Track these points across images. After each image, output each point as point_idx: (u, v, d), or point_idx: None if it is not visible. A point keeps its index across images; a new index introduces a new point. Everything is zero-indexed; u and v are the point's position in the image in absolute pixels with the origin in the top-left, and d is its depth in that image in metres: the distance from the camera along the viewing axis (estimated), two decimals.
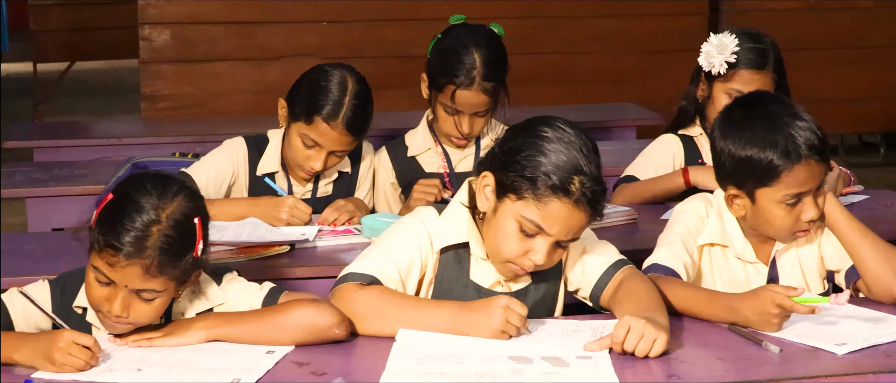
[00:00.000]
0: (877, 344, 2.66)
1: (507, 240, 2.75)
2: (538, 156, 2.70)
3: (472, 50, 3.87)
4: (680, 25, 7.63)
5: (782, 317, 2.72)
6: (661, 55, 7.63)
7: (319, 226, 3.65)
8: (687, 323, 2.82)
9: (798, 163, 2.87)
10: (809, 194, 2.91)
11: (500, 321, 2.65)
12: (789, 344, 2.67)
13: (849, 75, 7.95)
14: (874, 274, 2.93)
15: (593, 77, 7.53)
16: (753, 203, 2.95)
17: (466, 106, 3.90)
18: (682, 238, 3.02)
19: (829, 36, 7.85)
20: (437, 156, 4.05)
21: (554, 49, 7.47)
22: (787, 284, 2.97)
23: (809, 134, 2.88)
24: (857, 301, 2.95)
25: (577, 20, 7.47)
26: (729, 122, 2.98)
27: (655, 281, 2.88)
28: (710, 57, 3.88)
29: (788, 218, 2.92)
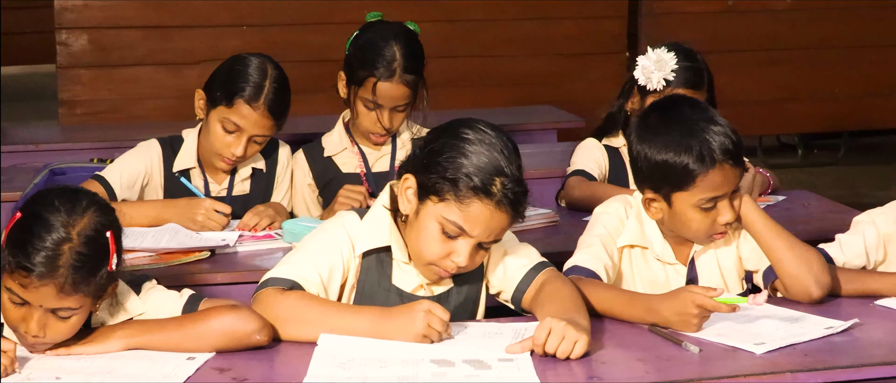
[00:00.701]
0: (794, 343, 2.68)
1: (430, 243, 2.75)
2: (459, 157, 2.70)
3: (391, 43, 3.91)
4: (599, 28, 7.66)
5: (702, 318, 2.74)
6: (580, 58, 7.66)
7: (240, 231, 3.63)
8: (607, 324, 2.84)
9: (713, 167, 2.89)
10: (725, 198, 2.94)
11: (422, 325, 2.65)
12: (709, 345, 2.69)
13: (767, 77, 8.03)
14: (791, 274, 2.96)
15: (512, 80, 7.54)
16: (670, 207, 2.97)
17: (387, 99, 3.91)
18: (602, 240, 3.03)
19: (747, 38, 7.92)
20: (354, 156, 4.05)
21: (472, 52, 7.47)
22: (706, 285, 3.01)
23: (724, 138, 2.91)
24: (775, 300, 2.98)
25: (495, 23, 7.47)
26: (645, 127, 3.00)
27: (576, 282, 2.89)
28: (647, 72, 3.88)
29: (705, 221, 2.95)
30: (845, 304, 2.97)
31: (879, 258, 3.16)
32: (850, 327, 2.78)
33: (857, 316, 2.84)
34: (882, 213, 3.19)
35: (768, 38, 7.97)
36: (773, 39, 7.99)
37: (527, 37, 7.57)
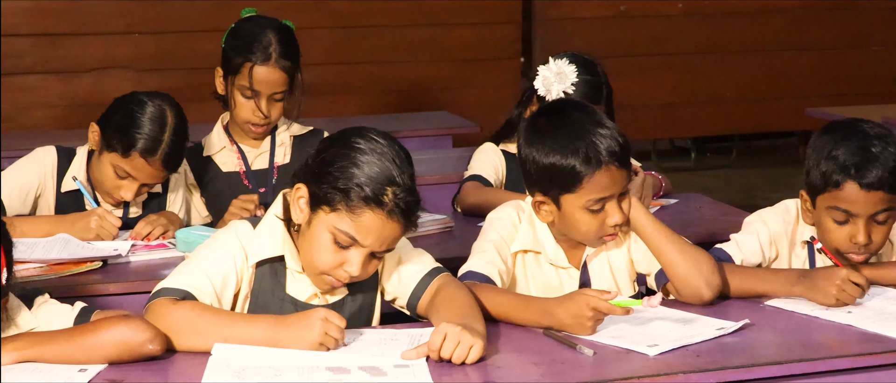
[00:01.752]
0: (687, 345, 2.71)
1: (322, 253, 2.74)
2: (351, 167, 2.69)
3: (267, 30, 3.96)
4: (493, 34, 7.70)
5: (596, 321, 2.76)
6: (475, 63, 7.68)
7: (133, 240, 3.59)
8: (503, 328, 2.84)
9: (599, 169, 2.92)
10: (613, 199, 2.96)
11: (318, 333, 2.63)
12: (603, 347, 2.71)
13: (659, 81, 8.12)
14: (681, 276, 2.99)
15: (407, 86, 7.55)
16: (559, 209, 2.99)
17: (264, 84, 3.92)
18: (495, 245, 3.04)
19: (639, 43, 8.00)
20: (233, 155, 4.04)
21: (366, 58, 7.47)
22: (599, 288, 3.03)
23: (611, 141, 2.93)
24: (668, 302, 3.00)
25: (388, 29, 7.48)
26: (533, 130, 3.02)
27: (471, 288, 2.89)
28: (547, 83, 3.90)
29: (594, 223, 2.97)
30: (736, 305, 3.01)
31: (773, 256, 3.21)
32: (741, 327, 2.82)
33: (748, 317, 2.87)
34: (771, 213, 3.24)
35: (660, 42, 8.06)
36: (666, 44, 8.08)
37: (421, 42, 7.58)
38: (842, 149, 3.04)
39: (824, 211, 3.09)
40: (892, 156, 3.04)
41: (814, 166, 3.09)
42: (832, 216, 3.07)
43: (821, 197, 3.09)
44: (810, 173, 3.10)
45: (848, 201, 3.05)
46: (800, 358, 2.69)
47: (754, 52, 8.26)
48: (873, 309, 2.96)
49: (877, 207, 3.05)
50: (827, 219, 3.09)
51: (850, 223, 3.06)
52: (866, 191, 3.02)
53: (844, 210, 3.05)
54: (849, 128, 3.11)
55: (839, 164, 3.03)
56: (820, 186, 3.08)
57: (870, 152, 3.03)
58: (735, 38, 8.21)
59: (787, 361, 2.67)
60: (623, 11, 7.95)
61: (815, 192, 3.10)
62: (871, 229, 3.06)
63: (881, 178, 3.01)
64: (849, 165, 3.02)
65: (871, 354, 2.72)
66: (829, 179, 3.05)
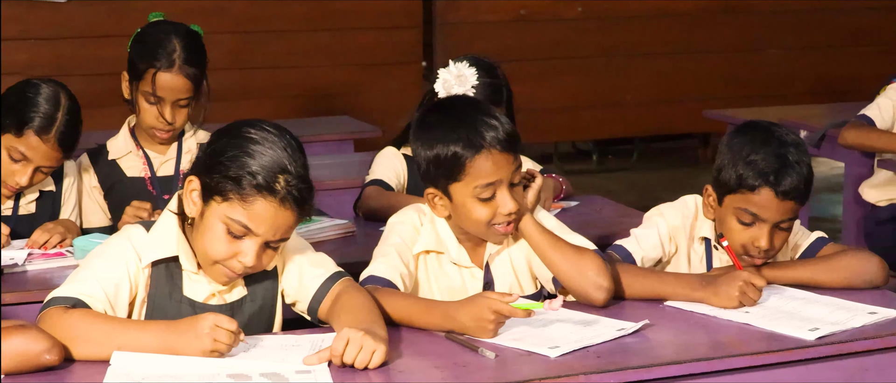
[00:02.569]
0: (588, 346, 2.73)
1: (215, 243, 2.73)
2: (243, 156, 2.69)
3: (172, 36, 3.92)
4: (394, 38, 7.70)
5: (498, 323, 2.76)
6: (377, 68, 7.68)
7: (29, 249, 3.54)
8: (405, 332, 2.84)
9: (479, 152, 2.93)
10: (502, 187, 2.97)
11: (208, 340, 2.61)
12: (504, 349, 2.71)
13: (560, 85, 8.17)
14: (570, 282, 3.01)
15: (308, 91, 7.53)
16: (451, 200, 3.00)
17: (168, 90, 3.89)
18: (397, 249, 3.04)
19: (539, 47, 8.05)
20: (139, 160, 4.00)
21: (267, 64, 7.44)
22: (501, 287, 3.06)
23: (493, 130, 2.94)
24: (569, 304, 3.02)
25: (289, 34, 7.45)
26: (422, 125, 3.05)
27: (373, 292, 2.89)
28: (448, 85, 3.90)
29: (485, 211, 2.98)
30: (636, 306, 3.03)
31: (672, 250, 3.25)
32: (640, 328, 2.85)
33: (647, 317, 2.90)
34: (671, 207, 3.28)
35: (560, 46, 8.11)
36: (565, 47, 8.13)
37: (322, 47, 7.56)
38: (761, 153, 3.08)
39: (732, 210, 3.12)
40: (806, 166, 3.09)
41: (729, 166, 3.12)
42: (739, 216, 3.11)
43: (731, 196, 3.13)
44: (723, 171, 3.13)
45: (759, 206, 3.09)
46: (699, 357, 2.72)
47: (653, 55, 8.34)
48: (770, 308, 3.00)
49: (785, 215, 3.10)
50: (733, 218, 3.13)
51: (756, 226, 3.10)
52: (780, 200, 3.07)
53: (753, 213, 3.09)
54: (766, 132, 3.15)
55: (758, 169, 3.07)
56: (733, 186, 3.11)
57: (787, 160, 3.07)
58: (634, 42, 8.28)
59: (687, 361, 2.71)
60: (523, 15, 7.99)
61: (726, 191, 3.14)
62: (773, 235, 3.10)
63: (795, 188, 3.06)
64: (768, 172, 3.06)
65: (769, 352, 2.77)
66: (745, 182, 3.08)
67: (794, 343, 2.80)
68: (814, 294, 3.09)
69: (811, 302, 3.03)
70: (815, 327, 2.85)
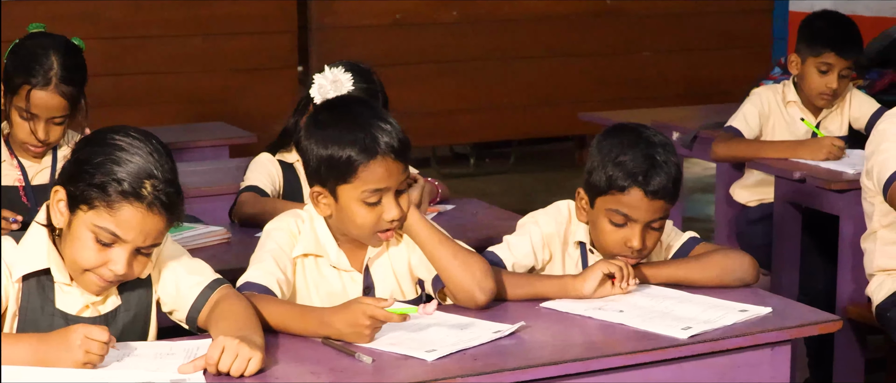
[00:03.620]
0: (464, 349, 2.74)
1: (84, 252, 2.69)
2: (108, 163, 2.66)
3: (50, 52, 3.83)
4: (269, 43, 7.66)
5: (374, 329, 2.76)
6: (252, 73, 7.64)
7: None
8: (282, 339, 2.83)
9: (374, 158, 2.93)
10: (389, 193, 2.97)
11: (79, 353, 2.57)
12: (381, 354, 2.71)
13: (437, 89, 8.19)
14: (455, 281, 3.02)
15: (182, 97, 7.46)
16: (337, 201, 2.99)
17: (42, 108, 3.82)
18: (274, 255, 3.02)
19: (416, 51, 8.06)
20: (13, 169, 3.93)
21: (141, 69, 7.36)
22: (382, 291, 3.05)
23: (390, 135, 2.95)
24: (445, 308, 3.03)
25: (163, 39, 7.38)
26: (315, 123, 3.04)
27: (250, 299, 2.87)
28: (323, 91, 3.88)
29: (370, 216, 2.98)
30: (513, 308, 3.05)
31: (546, 257, 3.26)
32: (517, 330, 2.86)
33: (524, 319, 2.91)
34: (544, 214, 3.30)
35: (437, 50, 8.14)
36: (442, 51, 8.16)
37: (197, 53, 7.50)
38: (629, 154, 3.11)
39: (603, 212, 3.16)
40: (674, 167, 3.13)
41: (599, 168, 3.15)
42: (611, 217, 3.14)
43: (602, 198, 3.16)
44: (594, 174, 3.16)
45: (630, 206, 3.12)
46: (574, 358, 2.75)
47: (529, 58, 8.40)
48: (644, 307, 3.03)
49: (655, 215, 3.13)
50: (604, 220, 3.16)
51: (628, 227, 3.14)
52: (650, 199, 3.10)
53: (624, 214, 3.12)
54: (635, 133, 3.18)
55: (627, 170, 3.10)
56: (603, 188, 3.14)
57: (656, 160, 3.11)
58: (511, 45, 8.34)
59: (563, 361, 2.73)
60: (399, 19, 8.00)
61: (597, 193, 3.17)
62: (645, 235, 3.14)
63: (664, 188, 3.10)
64: (636, 172, 3.10)
65: (642, 352, 2.80)
66: (615, 183, 3.12)
67: (667, 342, 2.84)
68: (686, 293, 3.13)
69: (684, 301, 3.07)
70: (687, 326, 2.89)
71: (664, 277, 3.20)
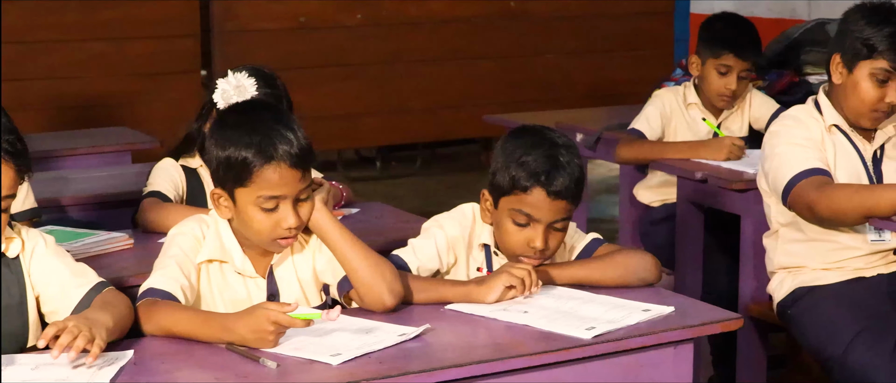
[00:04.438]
0: (369, 353, 2.74)
1: None
2: None
3: None
4: (171, 47, 7.60)
5: (278, 334, 2.75)
6: (155, 77, 7.57)
7: None
8: (187, 344, 2.80)
9: (269, 163, 2.92)
10: (287, 201, 2.96)
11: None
12: (286, 359, 2.70)
13: (342, 92, 8.18)
14: (365, 283, 3.02)
15: (84, 102, 7.37)
16: (235, 204, 2.98)
17: None
18: (177, 260, 3.00)
19: (320, 54, 8.04)
20: None
21: (42, 75, 7.27)
22: (286, 297, 3.04)
23: (288, 142, 2.94)
24: (350, 311, 3.02)
25: (65, 44, 7.29)
26: (220, 125, 3.04)
27: (152, 305, 2.85)
28: (227, 96, 3.85)
29: (266, 222, 2.97)
30: (417, 311, 3.05)
31: (451, 261, 3.27)
32: (422, 333, 2.86)
33: (428, 322, 2.92)
34: (448, 217, 3.30)
35: (342, 53, 8.12)
36: (347, 54, 8.15)
37: (98, 57, 7.42)
38: (532, 155, 3.13)
39: (506, 212, 3.17)
40: (577, 168, 3.15)
41: (502, 169, 3.16)
42: (514, 218, 3.16)
43: (506, 198, 3.17)
44: (497, 175, 3.18)
45: (532, 206, 3.13)
46: (479, 359, 2.75)
47: (434, 61, 8.41)
48: (548, 308, 3.05)
49: (558, 215, 3.15)
50: (508, 220, 3.17)
51: (531, 227, 3.15)
52: (552, 199, 3.12)
53: (527, 214, 3.14)
54: (538, 135, 3.20)
55: (529, 170, 3.12)
56: (506, 189, 3.15)
57: (558, 161, 3.12)
58: (415, 48, 8.34)
59: (468, 363, 2.73)
60: (303, 23, 7.97)
61: (500, 194, 3.18)
62: (548, 235, 3.16)
63: (567, 188, 3.12)
64: (539, 172, 3.11)
65: (547, 352, 2.81)
66: (517, 183, 3.13)
67: (571, 342, 2.85)
68: (590, 293, 3.15)
69: (587, 302, 3.08)
70: (591, 326, 2.91)
71: (568, 278, 3.22)
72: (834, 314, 3.82)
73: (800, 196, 3.71)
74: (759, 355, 4.50)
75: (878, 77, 3.76)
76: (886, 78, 3.75)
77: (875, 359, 3.69)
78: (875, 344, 3.71)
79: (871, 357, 3.70)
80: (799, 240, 3.93)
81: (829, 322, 3.82)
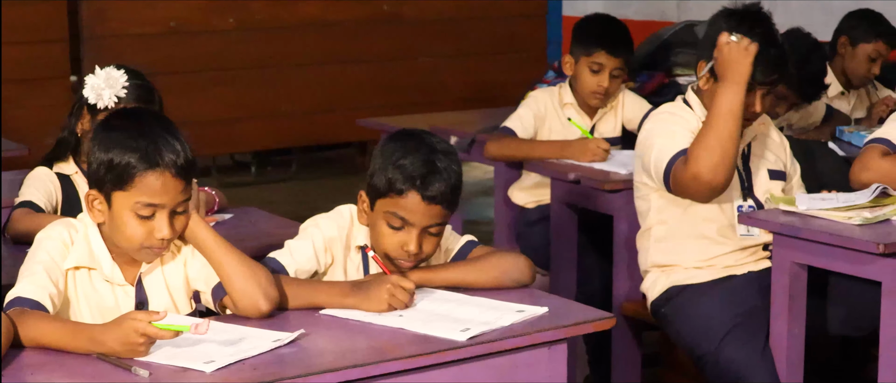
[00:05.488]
0: (244, 359, 2.72)
1: None
2: None
3: None
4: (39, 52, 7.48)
5: (148, 344, 2.71)
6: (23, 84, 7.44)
7: None
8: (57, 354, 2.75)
9: (153, 169, 2.89)
10: (164, 211, 2.93)
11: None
12: (159, 367, 2.67)
13: (217, 97, 8.12)
14: (240, 289, 2.99)
15: None
16: (110, 208, 2.94)
17: None
18: (45, 266, 2.95)
19: (194, 59, 7.97)
20: None
21: None
22: (155, 306, 3.01)
23: (174, 151, 2.91)
24: (224, 318, 3.00)
25: None
26: (104, 127, 3.00)
27: (19, 316, 2.79)
28: (97, 90, 3.80)
29: (140, 229, 2.93)
30: (292, 316, 3.04)
31: (328, 261, 3.26)
32: (296, 338, 2.85)
33: (303, 327, 2.90)
34: (326, 218, 3.30)
35: (215, 58, 8.06)
36: (220, 59, 8.09)
37: None
38: (410, 159, 3.13)
39: (382, 215, 3.17)
40: (454, 174, 3.16)
41: (379, 171, 3.16)
42: (389, 221, 3.16)
43: (382, 201, 3.17)
44: (375, 177, 3.17)
45: (407, 210, 3.13)
46: (355, 363, 2.75)
47: (308, 65, 8.39)
48: (424, 310, 3.05)
49: (433, 220, 3.15)
50: (383, 223, 3.17)
51: (405, 231, 3.15)
52: (427, 204, 3.12)
53: (402, 217, 3.14)
54: (417, 139, 3.20)
55: (406, 174, 3.12)
56: (383, 191, 3.15)
57: (435, 166, 3.13)
58: (289, 52, 8.31)
59: (343, 367, 2.72)
60: (174, 27, 7.90)
61: (377, 196, 3.18)
62: (423, 239, 3.16)
63: (442, 193, 3.12)
64: (415, 177, 3.11)
65: (423, 355, 2.82)
66: (393, 186, 3.13)
67: (446, 344, 2.86)
68: (465, 295, 3.16)
69: (463, 304, 3.09)
70: (466, 327, 2.92)
71: (443, 281, 3.22)
72: (706, 312, 3.89)
73: (680, 174, 3.76)
74: (634, 353, 4.55)
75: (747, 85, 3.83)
76: (750, 87, 3.81)
77: (747, 356, 3.77)
78: (747, 341, 3.79)
79: (744, 353, 3.77)
80: (670, 239, 3.99)
81: (702, 319, 3.89)
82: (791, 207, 3.78)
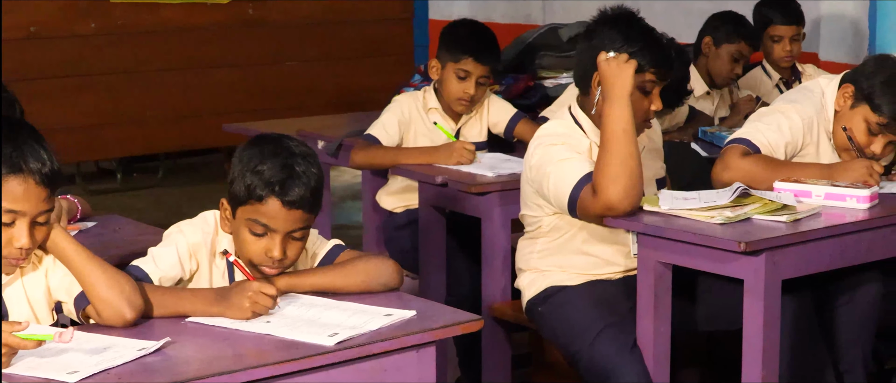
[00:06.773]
0: (108, 368, 2.68)
1: None
2: None
3: None
4: None
5: (9, 355, 2.66)
6: None
7: None
8: None
9: (16, 174, 2.83)
10: (23, 219, 2.87)
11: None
12: (21, 379, 2.63)
13: (79, 103, 7.99)
14: (103, 298, 2.95)
15: None
16: None
17: None
18: None
19: (53, 64, 7.84)
20: None
21: None
22: (15, 317, 2.94)
23: (39, 159, 2.86)
24: (88, 327, 2.95)
25: None
26: None
27: None
28: None
29: None
30: (158, 324, 3.00)
31: (193, 267, 3.22)
32: (162, 346, 2.82)
33: (169, 335, 2.87)
34: (189, 224, 3.27)
35: (77, 63, 7.94)
36: (82, 64, 7.96)
37: None
38: (268, 164, 3.11)
39: (244, 222, 3.15)
40: (314, 177, 3.14)
41: (239, 177, 3.14)
42: (251, 227, 3.14)
43: (242, 208, 3.15)
44: (234, 184, 3.15)
45: (268, 216, 3.11)
46: (222, 371, 2.72)
47: (173, 70, 8.29)
48: (291, 316, 3.04)
49: (295, 225, 3.14)
50: (245, 230, 3.15)
51: (268, 237, 3.13)
52: (288, 209, 3.11)
53: (264, 224, 3.12)
54: (275, 143, 3.18)
55: (264, 180, 3.10)
56: (243, 198, 3.13)
57: (294, 170, 3.11)
58: (153, 57, 8.21)
59: (209, 375, 2.70)
60: (34, 32, 7.76)
61: (238, 203, 3.16)
62: (286, 245, 3.14)
63: (302, 198, 3.11)
64: (274, 182, 3.09)
65: (290, 361, 2.80)
66: (253, 193, 3.11)
67: (314, 350, 2.85)
68: (332, 300, 3.15)
69: (330, 308, 3.09)
70: (334, 332, 2.91)
71: (310, 285, 3.21)
72: (582, 311, 3.95)
73: (590, 205, 3.77)
74: (504, 354, 4.58)
75: (644, 89, 3.86)
76: (651, 89, 3.86)
77: (617, 353, 3.84)
78: (617, 339, 3.86)
79: (614, 350, 3.84)
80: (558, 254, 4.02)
81: (578, 318, 3.95)
82: (654, 207, 3.82)
